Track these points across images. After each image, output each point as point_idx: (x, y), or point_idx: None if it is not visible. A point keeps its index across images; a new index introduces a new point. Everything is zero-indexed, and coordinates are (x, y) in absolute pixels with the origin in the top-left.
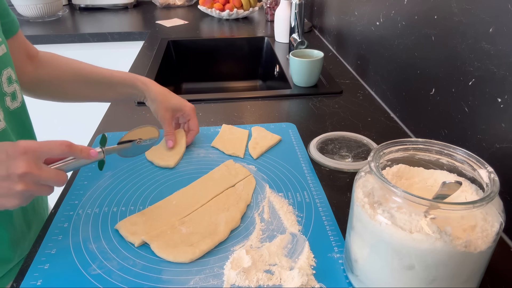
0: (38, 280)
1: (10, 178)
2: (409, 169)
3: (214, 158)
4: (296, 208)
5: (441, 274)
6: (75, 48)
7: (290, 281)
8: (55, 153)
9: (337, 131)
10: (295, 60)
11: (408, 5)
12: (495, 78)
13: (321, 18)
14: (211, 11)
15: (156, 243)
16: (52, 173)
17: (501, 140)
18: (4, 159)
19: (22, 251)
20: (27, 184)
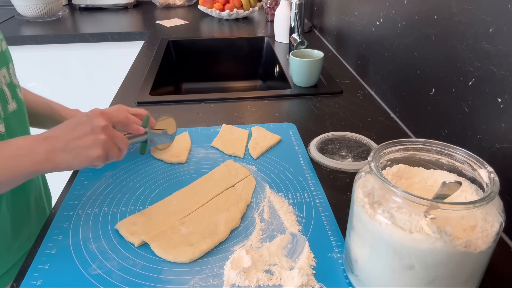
0: (38, 280)
1: (94, 132)
2: (409, 169)
3: (214, 158)
4: (296, 208)
5: (441, 274)
6: (75, 48)
7: (290, 281)
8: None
9: (337, 131)
10: (295, 60)
11: (408, 5)
12: (495, 78)
13: (321, 18)
14: (211, 11)
15: (156, 243)
16: (120, 135)
17: (501, 140)
18: (86, 120)
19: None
20: (108, 135)
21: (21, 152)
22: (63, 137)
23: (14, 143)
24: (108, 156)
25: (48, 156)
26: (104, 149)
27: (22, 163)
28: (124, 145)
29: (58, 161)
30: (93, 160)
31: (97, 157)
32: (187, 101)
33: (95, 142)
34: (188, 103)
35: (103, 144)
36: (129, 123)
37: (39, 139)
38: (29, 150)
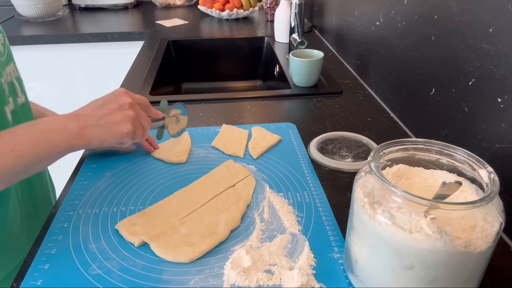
0: (38, 280)
1: (122, 108)
2: (409, 169)
3: (214, 158)
4: (296, 208)
5: (441, 274)
6: (75, 48)
7: (290, 281)
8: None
9: (337, 131)
10: (295, 60)
11: (408, 5)
12: (495, 78)
13: (321, 18)
14: (211, 11)
15: (156, 243)
16: (144, 114)
17: (501, 140)
18: (112, 98)
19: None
20: (135, 112)
21: (55, 126)
22: (93, 114)
23: (46, 120)
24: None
25: (81, 131)
26: (133, 124)
27: (58, 138)
28: (148, 125)
29: (91, 136)
30: (123, 136)
31: (127, 132)
32: (187, 101)
33: (125, 118)
34: (188, 103)
35: (132, 120)
36: (149, 106)
37: (69, 116)
38: (62, 126)
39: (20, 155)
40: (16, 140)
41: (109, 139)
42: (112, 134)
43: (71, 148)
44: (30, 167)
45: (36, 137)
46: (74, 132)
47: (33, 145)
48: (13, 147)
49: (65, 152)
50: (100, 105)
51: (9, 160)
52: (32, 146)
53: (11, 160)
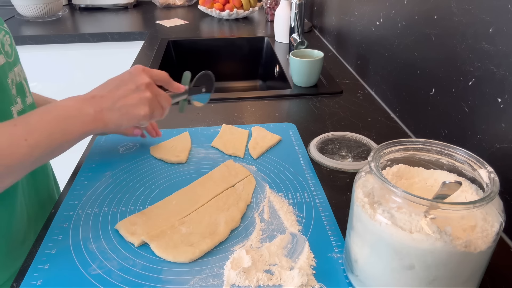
0: (38, 280)
1: (139, 89)
2: (409, 169)
3: (214, 158)
4: (296, 208)
5: (441, 274)
6: (75, 48)
7: (290, 281)
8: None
9: (337, 131)
10: (295, 60)
11: (408, 5)
12: (495, 78)
13: (321, 18)
14: (211, 11)
15: (156, 243)
16: (163, 93)
17: (501, 140)
18: (129, 78)
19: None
20: (152, 92)
21: (71, 113)
22: (109, 96)
23: (62, 105)
24: (153, 114)
25: (97, 116)
26: (150, 106)
27: (73, 124)
28: (167, 103)
29: (107, 120)
30: (140, 119)
31: (144, 115)
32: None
33: (141, 100)
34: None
35: (148, 102)
36: (170, 82)
37: (86, 99)
38: (79, 111)
39: (34, 144)
40: (30, 128)
41: (125, 122)
42: (129, 117)
43: (87, 133)
44: (45, 155)
45: (50, 125)
46: (90, 117)
47: (47, 133)
48: (27, 136)
49: (81, 137)
50: (117, 85)
51: (23, 150)
52: (46, 134)
53: (25, 150)
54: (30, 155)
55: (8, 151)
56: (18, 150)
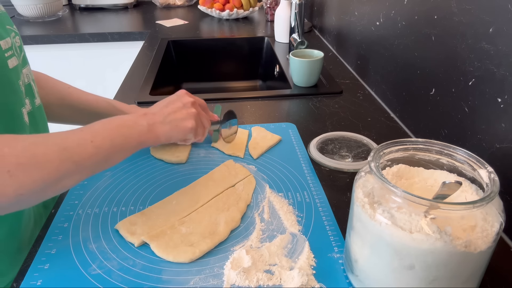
0: (38, 280)
1: (186, 106)
2: (409, 169)
3: (214, 158)
4: (296, 208)
5: (441, 274)
6: (75, 48)
7: (290, 281)
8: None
9: (337, 131)
10: (295, 60)
11: (408, 5)
12: (495, 78)
13: (321, 18)
14: (211, 11)
15: (156, 243)
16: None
17: (501, 140)
18: (176, 98)
19: None
20: (197, 109)
21: (128, 123)
22: (160, 113)
23: (119, 117)
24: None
25: (150, 128)
26: (196, 121)
27: (130, 133)
28: (208, 123)
29: (159, 132)
30: (188, 131)
31: (191, 128)
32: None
33: (188, 115)
34: None
35: (195, 116)
36: (206, 108)
37: (139, 115)
38: (134, 122)
39: (99, 145)
40: (95, 133)
41: (175, 135)
42: (178, 130)
43: (142, 144)
44: (108, 159)
45: (112, 131)
46: (144, 128)
47: (110, 138)
48: (93, 138)
49: (137, 147)
50: (166, 105)
51: (90, 150)
52: (109, 139)
53: (92, 150)
54: (96, 155)
55: (77, 149)
56: (85, 150)
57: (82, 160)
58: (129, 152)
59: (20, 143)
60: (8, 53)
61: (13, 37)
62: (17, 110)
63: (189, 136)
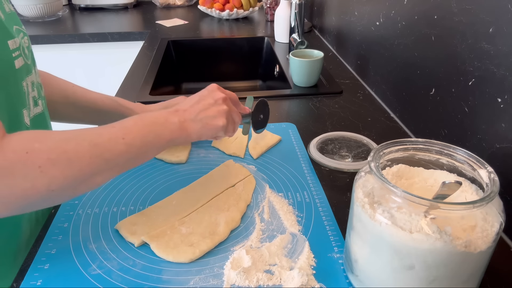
0: (38, 280)
1: (217, 103)
2: (409, 169)
3: (214, 158)
4: (296, 208)
5: (441, 274)
6: (75, 48)
7: (290, 281)
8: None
9: (337, 131)
10: (295, 60)
11: (408, 5)
12: (495, 78)
13: (321, 18)
14: (211, 11)
15: (156, 243)
16: (235, 109)
17: (501, 140)
18: (207, 94)
19: None
20: (228, 106)
21: (159, 120)
22: (191, 110)
23: (151, 114)
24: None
25: (181, 125)
26: (227, 118)
27: (162, 130)
28: (238, 119)
29: (190, 130)
30: (219, 129)
31: (222, 126)
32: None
33: (219, 113)
34: None
35: (226, 114)
36: (238, 101)
37: (171, 111)
38: (165, 119)
39: (130, 143)
40: (127, 130)
41: (206, 133)
42: (209, 128)
43: (172, 141)
44: (139, 156)
45: (143, 128)
46: (175, 126)
47: (141, 135)
48: (124, 135)
49: (167, 144)
50: (197, 101)
51: (121, 147)
52: (140, 136)
53: (123, 147)
54: (127, 152)
55: (108, 146)
56: (116, 147)
57: (113, 157)
58: (160, 149)
59: (51, 139)
60: (15, 53)
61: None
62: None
63: (220, 134)
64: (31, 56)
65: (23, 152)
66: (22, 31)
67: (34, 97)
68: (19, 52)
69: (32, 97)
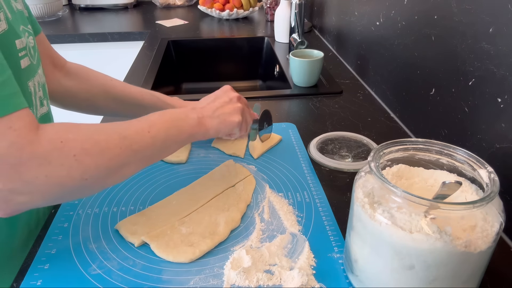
0: (38, 280)
1: (232, 101)
2: (409, 169)
3: (214, 158)
4: (296, 208)
5: (441, 274)
6: (75, 48)
7: (290, 281)
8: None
9: (337, 131)
10: (295, 60)
11: (408, 5)
12: (495, 78)
13: (321, 18)
14: (211, 11)
15: (156, 243)
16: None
17: (501, 140)
18: (222, 93)
19: None
20: (243, 104)
21: (180, 116)
22: (208, 107)
23: (172, 110)
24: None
25: (200, 121)
26: (242, 115)
27: (183, 125)
28: (250, 119)
29: (208, 126)
30: (235, 125)
31: (238, 122)
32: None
33: (235, 110)
34: None
35: (241, 111)
36: (248, 106)
37: (189, 109)
38: (185, 115)
39: (155, 135)
40: (151, 124)
41: (223, 128)
42: (226, 124)
43: (192, 136)
44: (163, 149)
45: (166, 122)
46: (195, 121)
47: (165, 129)
48: (149, 129)
49: (188, 139)
50: (213, 99)
51: (147, 139)
52: (164, 129)
53: (149, 139)
54: (152, 145)
55: (136, 138)
56: (143, 139)
57: (140, 149)
58: (181, 143)
59: (83, 130)
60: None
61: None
62: None
63: (235, 131)
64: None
65: (58, 142)
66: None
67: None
68: (25, 52)
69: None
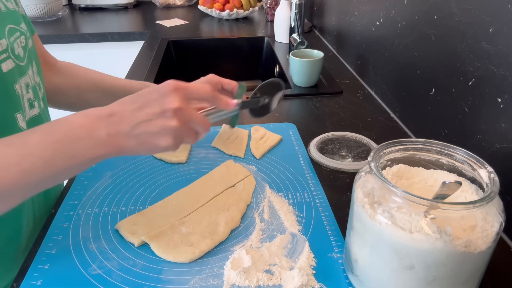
0: (38, 280)
1: (165, 115)
2: (409, 169)
3: (214, 158)
4: (296, 208)
5: (441, 274)
6: (75, 48)
7: (290, 281)
8: (200, 96)
9: (337, 131)
10: (295, 60)
11: (408, 5)
12: (495, 78)
13: (321, 18)
14: (211, 11)
15: (156, 243)
16: (199, 116)
17: (501, 140)
18: (156, 98)
19: None
20: (180, 120)
21: (79, 134)
22: (129, 119)
23: (70, 123)
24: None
25: (110, 139)
26: (175, 137)
27: (80, 148)
28: (203, 128)
29: (123, 145)
30: (161, 150)
31: (165, 146)
32: None
33: (164, 130)
34: None
35: (174, 132)
36: (215, 98)
37: (102, 117)
38: (88, 133)
39: (28, 169)
40: (26, 151)
41: (144, 151)
42: (147, 147)
43: (97, 159)
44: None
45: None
46: (101, 140)
47: (45, 159)
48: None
49: (92, 162)
50: (140, 106)
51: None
52: (44, 160)
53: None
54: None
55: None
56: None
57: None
58: (80, 169)
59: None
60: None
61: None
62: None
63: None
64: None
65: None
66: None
67: (29, 99)
68: (6, 54)
69: (28, 99)
